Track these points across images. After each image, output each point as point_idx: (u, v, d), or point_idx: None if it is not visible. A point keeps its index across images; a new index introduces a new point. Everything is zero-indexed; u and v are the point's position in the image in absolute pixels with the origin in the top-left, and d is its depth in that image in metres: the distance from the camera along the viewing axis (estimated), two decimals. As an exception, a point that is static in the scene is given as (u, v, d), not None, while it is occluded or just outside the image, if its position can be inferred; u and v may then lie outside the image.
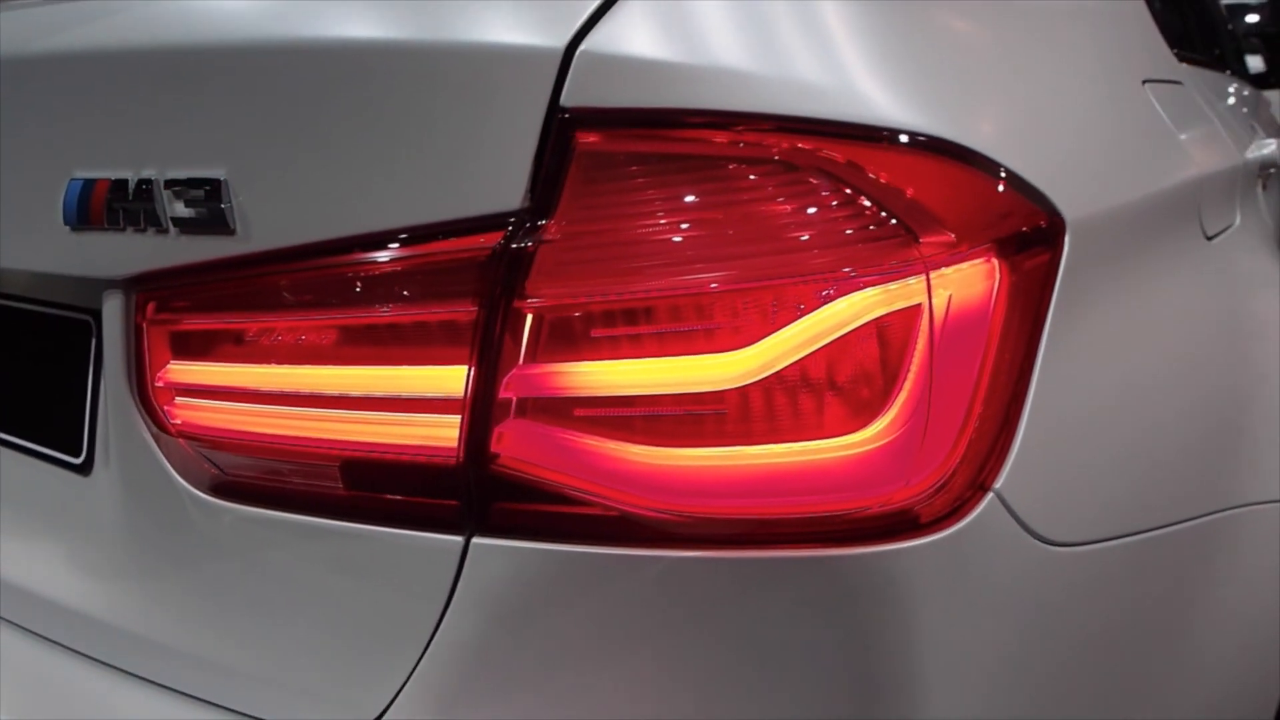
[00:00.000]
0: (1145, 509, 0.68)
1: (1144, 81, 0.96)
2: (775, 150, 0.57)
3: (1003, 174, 0.62)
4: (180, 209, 0.63)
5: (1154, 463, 0.70)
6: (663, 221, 0.57)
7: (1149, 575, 0.68)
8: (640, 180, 0.57)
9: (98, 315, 0.77)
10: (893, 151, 0.58)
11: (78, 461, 0.81)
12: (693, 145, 0.57)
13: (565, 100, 0.55)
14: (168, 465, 0.70)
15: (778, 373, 0.56)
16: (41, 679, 0.82)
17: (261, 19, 0.60)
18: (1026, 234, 0.62)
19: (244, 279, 0.63)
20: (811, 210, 0.57)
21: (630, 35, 0.55)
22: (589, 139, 0.56)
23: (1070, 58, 0.83)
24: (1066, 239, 0.64)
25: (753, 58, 0.57)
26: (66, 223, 0.68)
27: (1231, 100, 1.53)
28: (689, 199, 0.57)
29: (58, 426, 0.83)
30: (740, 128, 0.56)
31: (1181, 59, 1.25)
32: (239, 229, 0.61)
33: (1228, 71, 1.82)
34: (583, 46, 0.55)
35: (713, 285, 0.57)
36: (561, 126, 0.56)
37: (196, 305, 0.66)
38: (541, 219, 0.57)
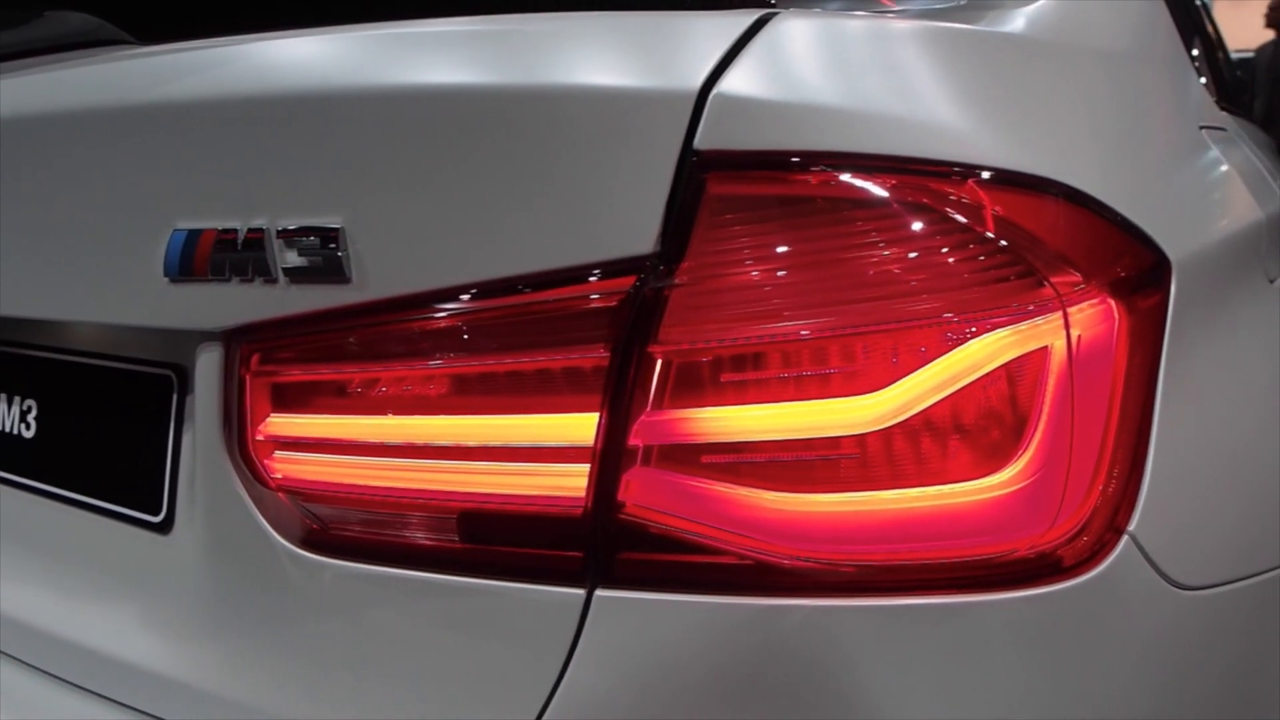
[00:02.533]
0: (1271, 546, 0.67)
1: (1200, 128, 0.98)
2: (907, 192, 0.57)
3: (1115, 216, 0.62)
4: (292, 258, 0.62)
5: (1276, 498, 0.70)
6: (794, 264, 0.56)
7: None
8: (771, 223, 0.57)
9: (179, 370, 0.76)
10: (1021, 194, 0.58)
11: (156, 520, 0.79)
12: (823, 188, 0.56)
13: (699, 143, 0.55)
14: (263, 521, 0.68)
15: (912, 416, 0.55)
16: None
17: (382, 63, 0.60)
18: (1140, 274, 0.63)
19: (359, 328, 0.62)
20: (943, 251, 0.57)
21: (762, 77, 0.56)
22: (720, 182, 0.56)
23: (1145, 104, 0.84)
24: (1173, 279, 0.64)
25: (882, 100, 0.57)
26: (166, 274, 0.67)
27: (1260, 146, 1.56)
28: (820, 241, 0.56)
29: (134, 485, 0.81)
30: (871, 170, 0.56)
31: (1220, 106, 1.27)
32: (355, 277, 0.60)
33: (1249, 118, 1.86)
34: (716, 89, 0.55)
35: (844, 328, 0.56)
36: (694, 170, 0.55)
37: (305, 356, 0.65)
38: (673, 263, 0.56)
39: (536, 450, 0.59)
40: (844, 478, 0.56)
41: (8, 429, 0.93)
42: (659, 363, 0.56)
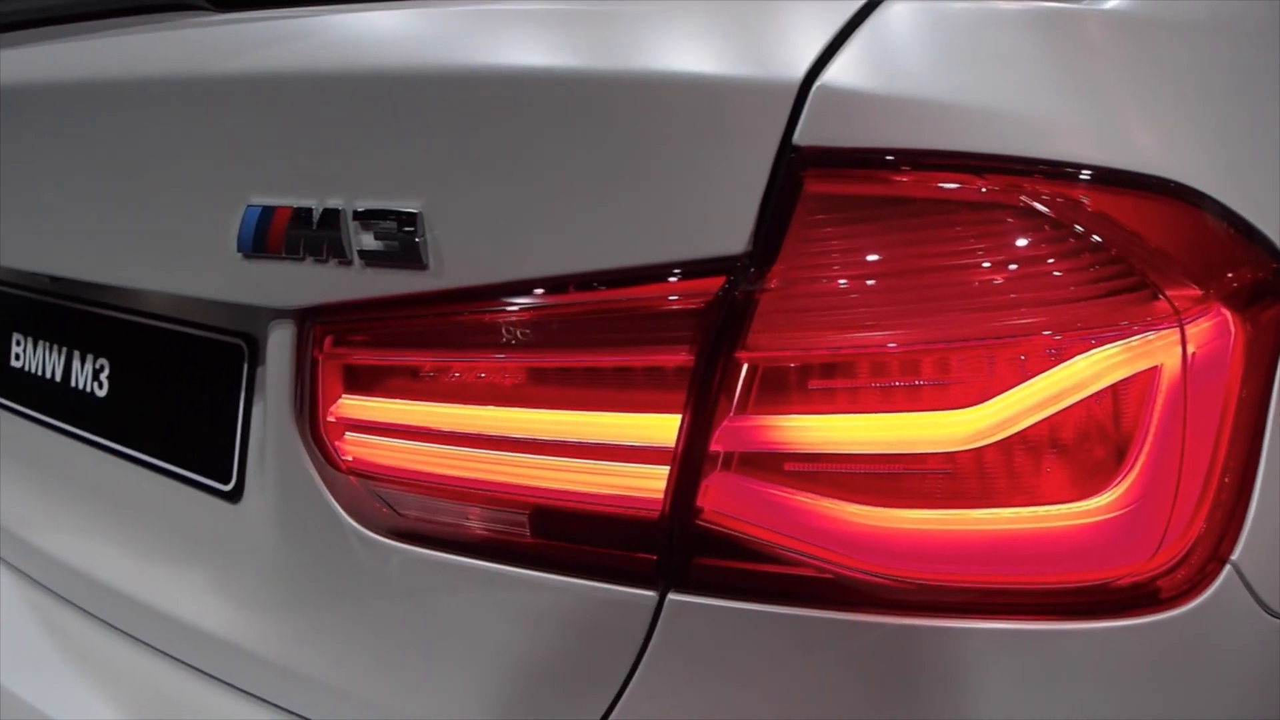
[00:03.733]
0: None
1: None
2: (1014, 194, 0.53)
3: (1237, 220, 0.57)
4: (369, 241, 0.60)
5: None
6: (892, 270, 0.53)
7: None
8: (869, 225, 0.53)
9: (251, 340, 0.75)
10: (1136, 197, 0.54)
11: (226, 488, 0.79)
12: (925, 189, 0.53)
13: (799, 138, 0.52)
14: (333, 501, 0.68)
15: (1010, 434, 0.53)
16: (182, 704, 0.80)
17: (470, 44, 0.57)
18: (1259, 283, 0.58)
19: (435, 316, 0.60)
20: (1051, 260, 0.53)
21: (868, 68, 0.52)
22: (818, 180, 0.53)
23: (1270, 92, 0.78)
24: (1292, 287, 0.60)
25: (991, 93, 0.53)
26: (240, 249, 0.65)
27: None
28: (920, 246, 0.53)
29: (204, 451, 0.81)
30: (977, 170, 0.53)
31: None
32: (432, 264, 0.59)
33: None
34: (820, 80, 0.51)
35: (942, 340, 0.53)
36: (791, 166, 0.52)
37: (379, 340, 0.64)
38: (764, 265, 0.53)
39: (614, 449, 0.57)
40: (934, 494, 0.54)
41: (81, 386, 0.94)
42: (745, 367, 0.54)
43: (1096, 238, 0.53)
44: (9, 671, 0.89)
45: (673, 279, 0.55)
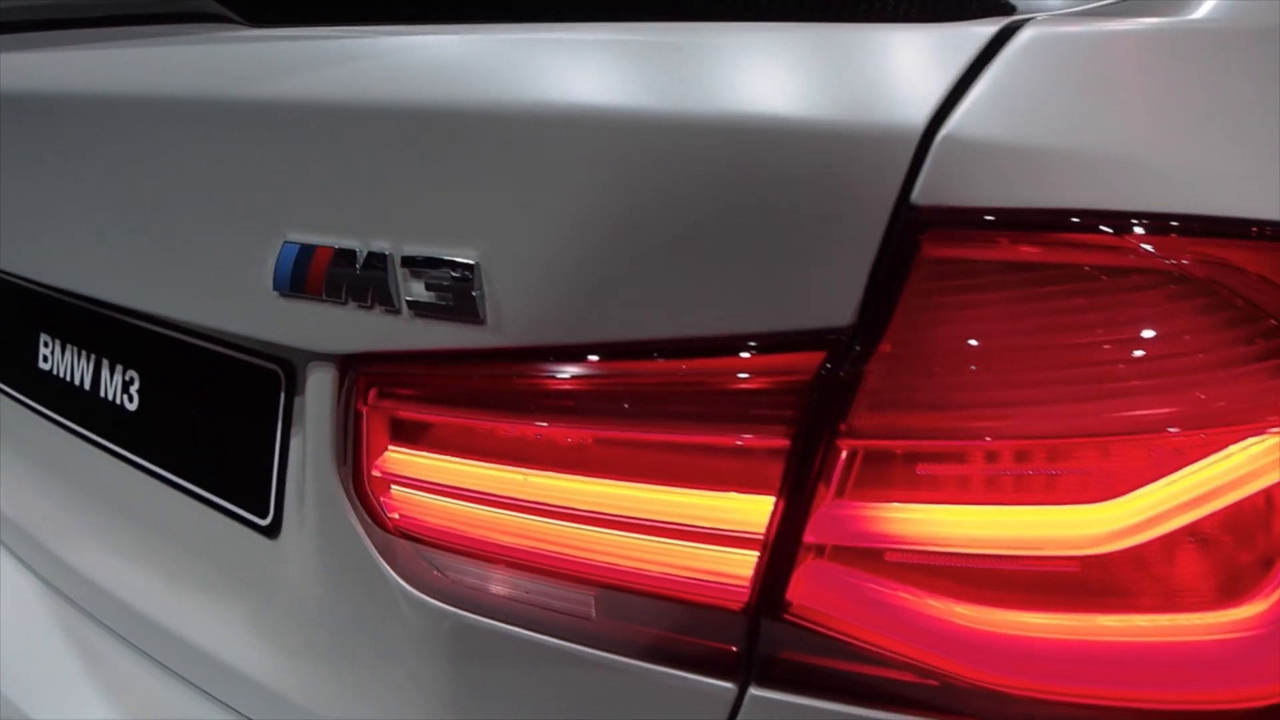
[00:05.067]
0: None
1: None
2: (1169, 259, 0.46)
3: None
4: (418, 290, 0.54)
5: None
6: (1020, 345, 0.46)
7: None
8: (994, 294, 0.46)
9: (288, 367, 0.70)
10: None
11: (263, 523, 0.74)
12: (1062, 253, 0.46)
13: (918, 196, 0.45)
14: (378, 556, 0.63)
15: (1151, 536, 0.46)
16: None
17: (542, 75, 0.49)
18: None
19: (494, 376, 0.54)
20: (1206, 334, 0.46)
21: (1005, 111, 0.44)
22: (938, 243, 0.46)
23: None
24: None
25: (1143, 141, 0.46)
26: (276, 288, 0.59)
27: None
28: (1054, 318, 0.46)
29: (240, 480, 0.76)
30: (1120, 230, 0.45)
31: None
32: (490, 319, 0.52)
33: None
34: (946, 128, 0.44)
35: (1075, 424, 0.46)
36: (907, 228, 0.45)
37: (430, 396, 0.58)
38: (872, 339, 0.47)
39: (695, 530, 0.51)
40: (1056, 597, 0.48)
41: (111, 397, 0.89)
42: (847, 451, 0.48)
43: (1260, 308, 0.46)
44: (32, 692, 0.86)
45: (768, 352, 0.48)
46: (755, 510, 0.49)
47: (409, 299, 0.54)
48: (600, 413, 0.52)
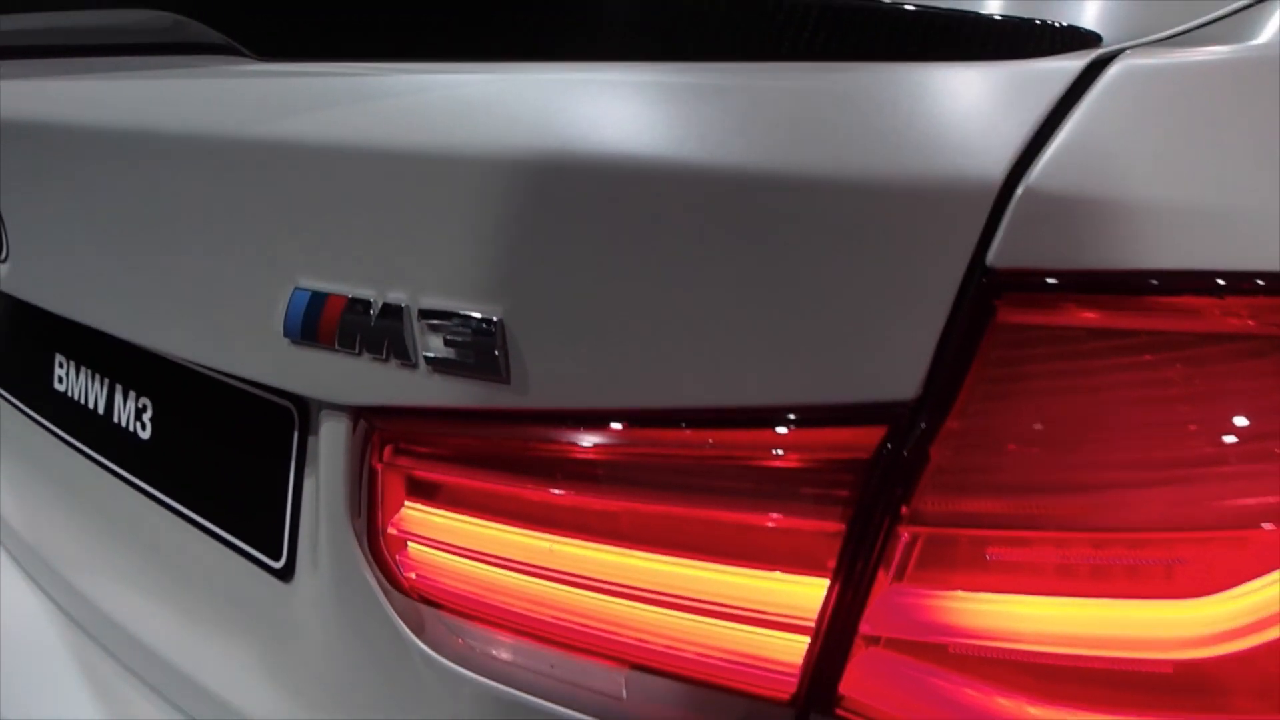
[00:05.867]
0: None
1: None
2: (1272, 323, 0.40)
3: None
4: (436, 344, 0.49)
5: None
6: (1106, 423, 0.41)
7: None
8: (1076, 365, 0.41)
9: (302, 405, 0.66)
10: None
11: (276, 565, 0.71)
12: (1159, 318, 0.41)
13: (995, 257, 0.39)
14: (393, 613, 0.59)
15: (1260, 636, 0.41)
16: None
17: (576, 119, 0.44)
18: None
19: (518, 439, 0.50)
20: (1321, 411, 0.41)
21: (1097, 159, 0.39)
22: (1015, 308, 0.41)
23: None
24: None
25: (1261, 193, 0.40)
26: (286, 335, 0.55)
27: None
28: (1145, 393, 0.41)
29: (252, 519, 0.73)
30: (1234, 294, 0.40)
31: None
32: (515, 379, 0.48)
33: None
34: (1028, 180, 0.39)
35: (1168, 512, 0.41)
36: (981, 292, 0.40)
37: (449, 455, 0.53)
38: (939, 412, 0.42)
39: (738, 612, 0.47)
40: (1141, 701, 0.43)
41: (124, 424, 0.86)
42: (910, 535, 0.43)
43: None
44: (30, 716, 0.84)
45: (823, 425, 0.43)
46: (806, 594, 0.45)
47: (426, 354, 0.50)
48: (635, 483, 0.48)
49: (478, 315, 0.47)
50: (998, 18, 0.41)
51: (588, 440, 0.48)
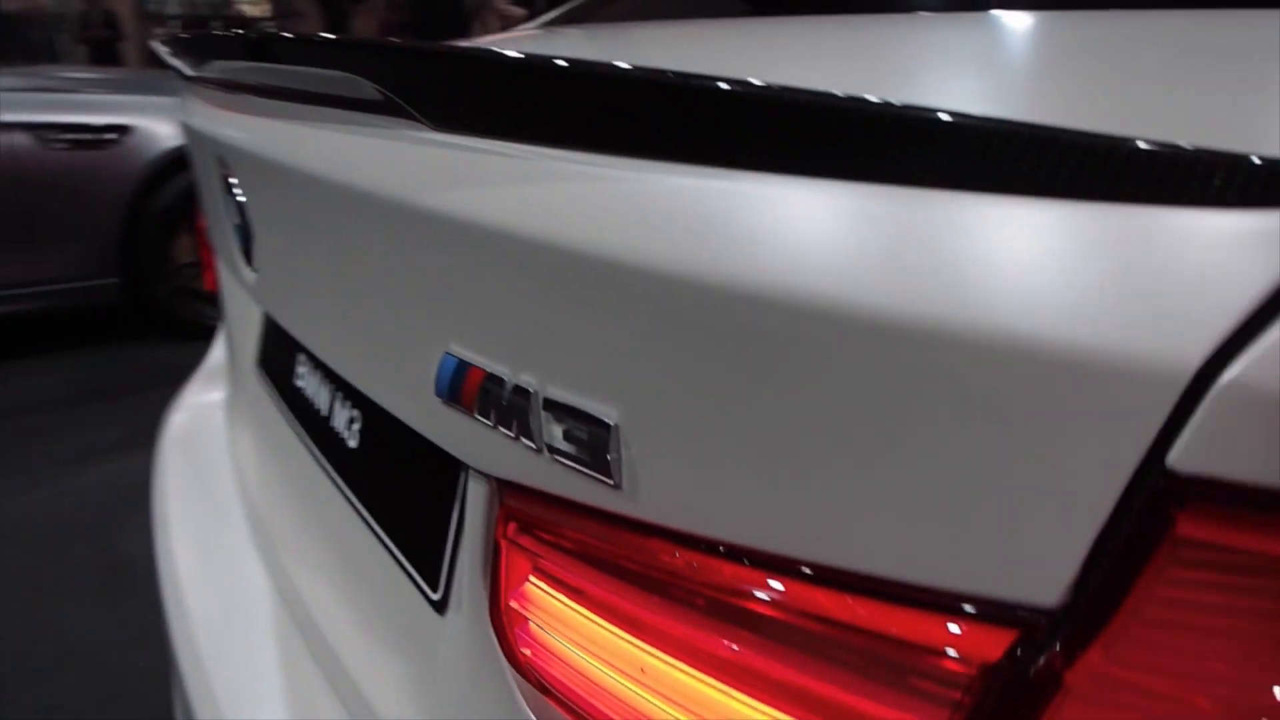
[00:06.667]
0: None
1: None
2: None
3: None
4: (556, 435, 0.48)
5: None
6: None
7: None
8: (1266, 603, 0.32)
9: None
10: None
11: (435, 598, 0.73)
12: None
13: (1175, 458, 0.31)
14: (514, 687, 0.58)
15: None
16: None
17: (735, 243, 0.39)
18: None
19: (628, 547, 0.47)
20: None
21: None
22: (1200, 522, 0.32)
23: None
24: None
25: None
26: (438, 394, 0.56)
27: None
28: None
29: (422, 549, 0.75)
30: None
31: None
32: (626, 486, 0.45)
33: None
34: (1230, 371, 0.30)
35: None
36: (1155, 498, 0.32)
37: (565, 546, 0.52)
38: (1085, 629, 0.34)
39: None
40: None
41: (338, 430, 0.93)
42: None
43: None
44: (226, 674, 0.92)
45: (939, 611, 0.37)
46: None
47: (548, 442, 0.48)
48: (735, 620, 0.43)
49: (594, 414, 0.45)
50: (1222, 151, 0.33)
51: (690, 564, 0.44)
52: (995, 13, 0.78)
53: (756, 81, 0.40)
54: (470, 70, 0.51)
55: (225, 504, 1.22)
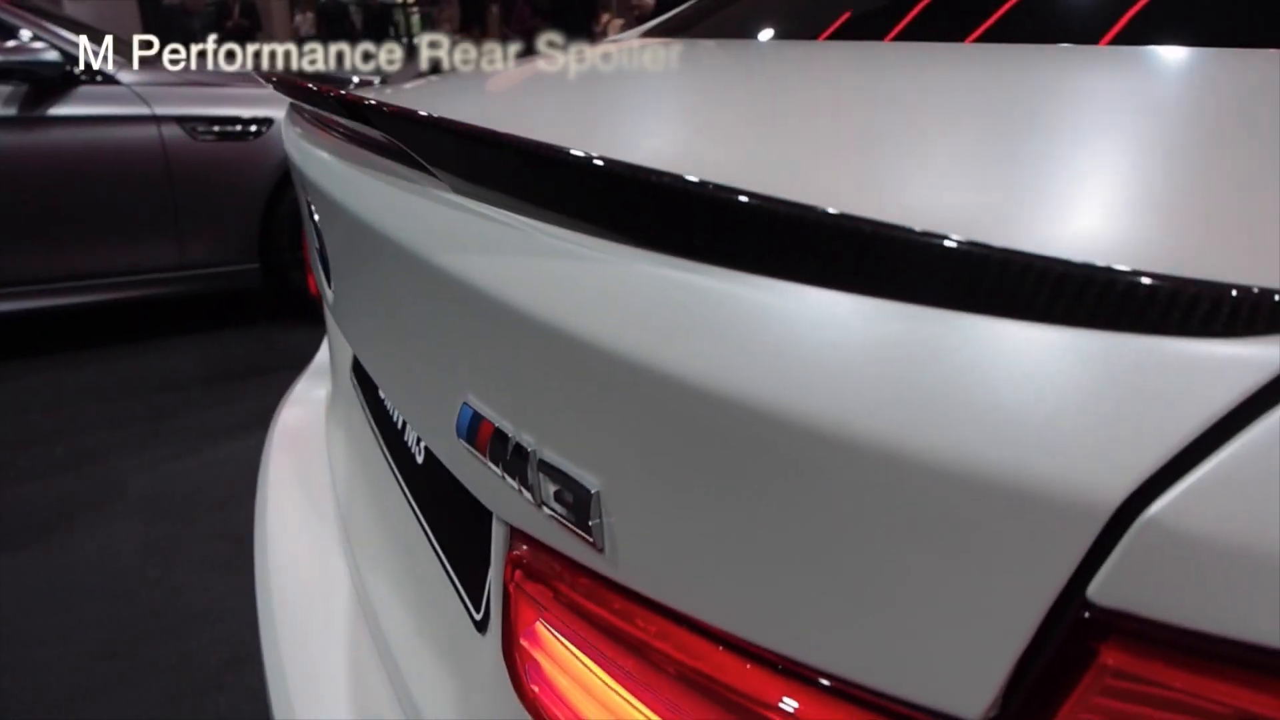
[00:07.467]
0: None
1: None
2: None
3: None
4: (550, 493, 0.50)
5: None
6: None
7: None
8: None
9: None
10: None
11: (477, 617, 0.77)
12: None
13: (1095, 591, 0.31)
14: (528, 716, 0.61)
15: None
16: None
17: (722, 359, 0.39)
18: None
19: (612, 608, 0.49)
20: None
21: (1242, 495, 0.29)
22: (1125, 655, 0.32)
23: None
24: None
25: None
26: (459, 437, 0.59)
27: None
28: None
29: (468, 568, 0.79)
30: None
31: None
32: (607, 551, 0.47)
33: None
34: (1152, 510, 0.30)
35: None
36: (1077, 628, 0.32)
37: (561, 598, 0.54)
38: (1010, 744, 0.34)
39: None
40: None
41: (408, 444, 0.98)
42: None
43: None
44: (300, 662, 0.98)
45: (872, 711, 0.37)
46: None
47: (544, 500, 0.51)
48: (696, 691, 0.45)
49: (580, 480, 0.47)
50: (1170, 276, 0.32)
51: (650, 630, 0.46)
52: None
53: (758, 191, 0.40)
54: (490, 143, 0.53)
55: (320, 499, 1.30)
